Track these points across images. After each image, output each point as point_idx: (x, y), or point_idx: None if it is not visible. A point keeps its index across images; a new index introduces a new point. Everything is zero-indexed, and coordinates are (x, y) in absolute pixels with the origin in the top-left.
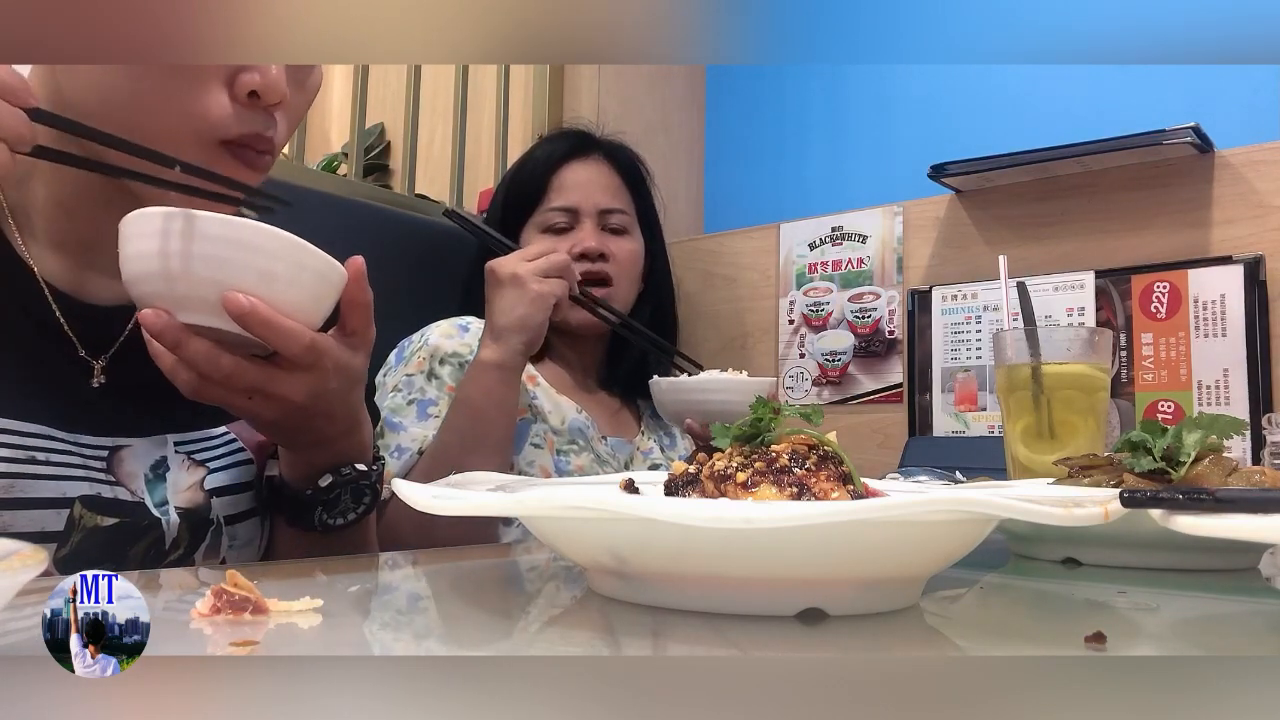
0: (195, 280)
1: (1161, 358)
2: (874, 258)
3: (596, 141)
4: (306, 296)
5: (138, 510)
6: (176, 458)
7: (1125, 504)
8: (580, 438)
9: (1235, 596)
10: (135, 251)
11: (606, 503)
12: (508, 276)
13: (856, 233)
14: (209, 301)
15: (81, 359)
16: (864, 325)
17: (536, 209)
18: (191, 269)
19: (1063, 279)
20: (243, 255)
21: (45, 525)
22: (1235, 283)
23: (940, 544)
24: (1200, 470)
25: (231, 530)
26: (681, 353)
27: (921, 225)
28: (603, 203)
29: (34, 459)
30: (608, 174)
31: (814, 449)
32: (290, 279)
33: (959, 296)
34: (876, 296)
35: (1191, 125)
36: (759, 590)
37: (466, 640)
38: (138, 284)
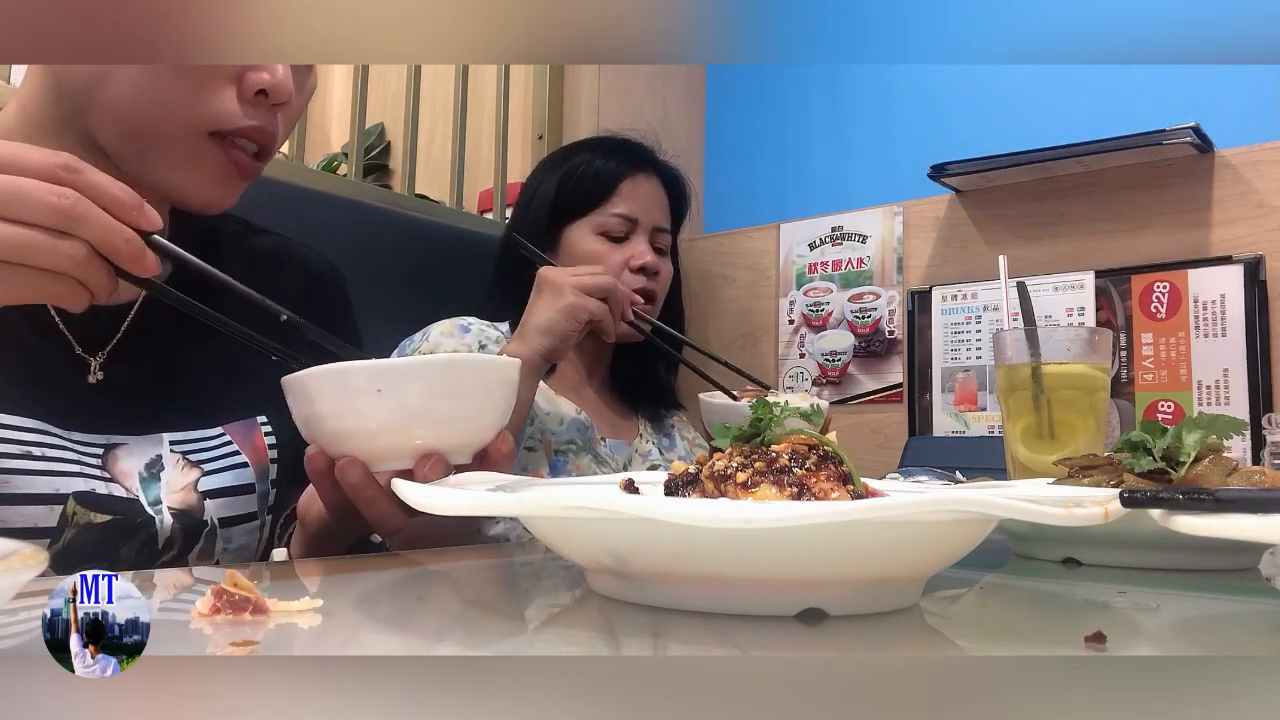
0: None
1: (1161, 358)
2: (874, 258)
3: (659, 161)
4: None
5: (131, 508)
6: (171, 457)
7: (1125, 504)
8: (579, 438)
9: (1235, 596)
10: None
11: (606, 503)
12: (551, 285)
13: (856, 233)
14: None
15: (78, 356)
16: (864, 325)
17: (595, 210)
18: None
19: (1063, 279)
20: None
21: (37, 521)
22: (1235, 283)
23: (940, 544)
24: (1200, 470)
25: (227, 534)
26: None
27: (921, 225)
28: (658, 220)
29: (29, 454)
30: (662, 194)
31: (814, 449)
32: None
33: (959, 296)
34: (876, 296)
35: (1191, 125)
36: (759, 590)
37: (466, 640)
38: (338, 443)
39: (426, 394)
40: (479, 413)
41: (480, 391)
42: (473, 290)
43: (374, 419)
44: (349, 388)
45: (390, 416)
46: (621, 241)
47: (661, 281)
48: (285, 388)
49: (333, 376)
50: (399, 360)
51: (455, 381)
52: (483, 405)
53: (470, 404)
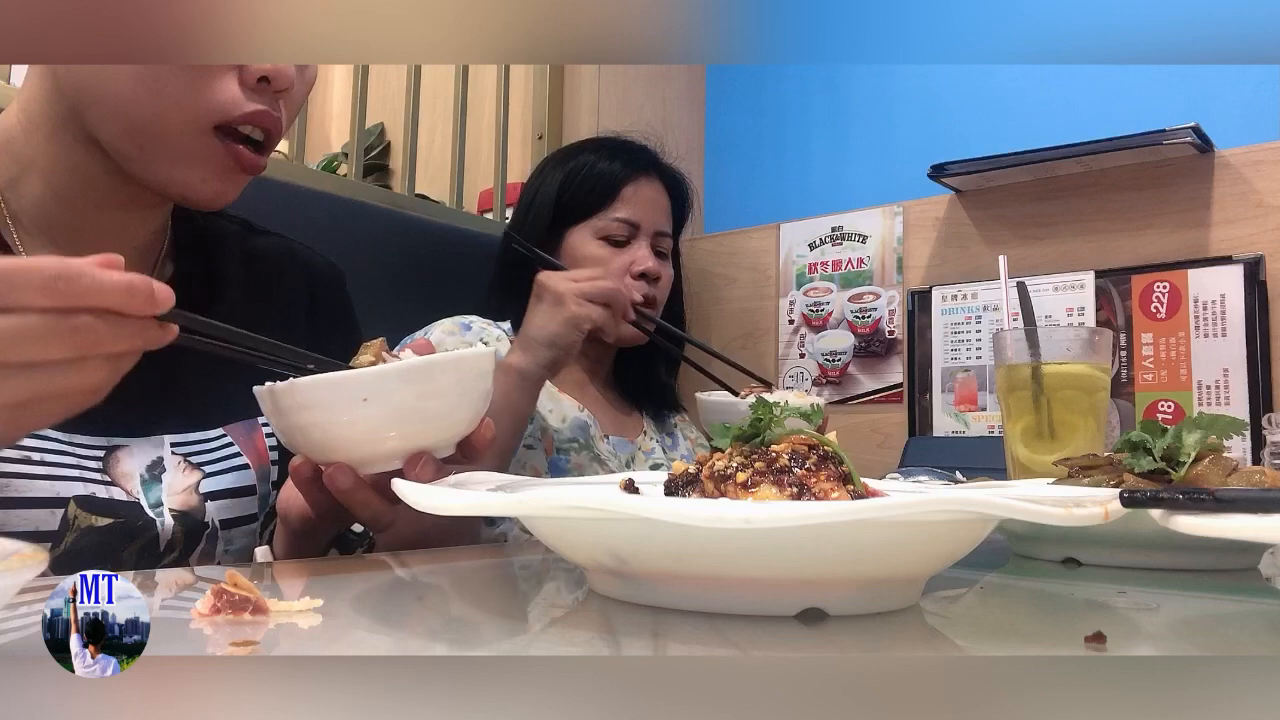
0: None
1: (1161, 358)
2: (874, 258)
3: (661, 164)
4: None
5: (132, 510)
6: (173, 459)
7: (1125, 504)
8: (581, 436)
9: (1235, 596)
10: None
11: (606, 503)
12: (551, 292)
13: (856, 233)
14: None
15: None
16: (864, 325)
17: (597, 214)
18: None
19: (1063, 279)
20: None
21: (40, 524)
22: (1235, 283)
23: (940, 544)
24: (1200, 470)
25: (228, 535)
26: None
27: (921, 225)
28: (660, 225)
29: (29, 459)
30: (665, 198)
31: (814, 449)
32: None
33: (959, 296)
34: (876, 296)
35: (1191, 125)
36: (759, 590)
37: (467, 640)
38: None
39: (414, 397)
40: (458, 408)
41: (457, 389)
42: (473, 290)
43: (362, 427)
44: (336, 398)
45: (378, 423)
46: (623, 246)
47: (662, 286)
48: (261, 398)
49: (319, 388)
50: (382, 368)
51: (437, 382)
52: (461, 401)
53: (450, 401)
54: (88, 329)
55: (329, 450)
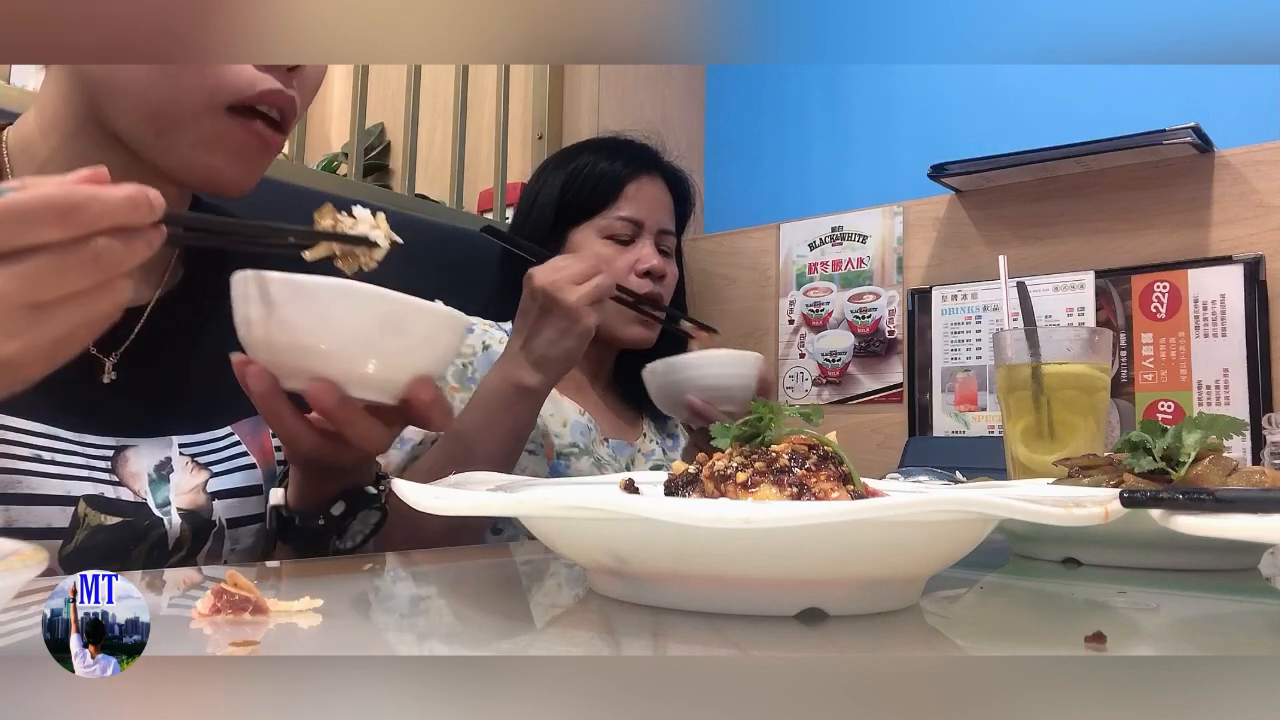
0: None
1: (1161, 358)
2: (874, 258)
3: (664, 162)
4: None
5: (140, 510)
6: (181, 459)
7: (1125, 504)
8: (582, 440)
9: (1235, 596)
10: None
11: (606, 503)
12: (559, 305)
13: (856, 233)
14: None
15: (92, 356)
16: (864, 325)
17: (600, 213)
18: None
19: (1063, 279)
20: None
21: (51, 521)
22: (1235, 283)
23: (940, 544)
24: (1200, 470)
25: (234, 534)
26: (690, 319)
27: (921, 225)
28: (663, 223)
29: (39, 458)
30: (667, 195)
31: (814, 449)
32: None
33: (959, 296)
34: (876, 296)
35: (1191, 125)
36: (759, 590)
37: (467, 640)
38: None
39: (378, 323)
40: (419, 355)
41: (425, 336)
42: (473, 290)
43: (370, 349)
44: (353, 309)
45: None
46: (627, 244)
47: (667, 284)
48: (247, 282)
49: (340, 293)
50: (401, 296)
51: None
52: (427, 350)
53: (410, 344)
54: (107, 252)
55: (306, 356)
